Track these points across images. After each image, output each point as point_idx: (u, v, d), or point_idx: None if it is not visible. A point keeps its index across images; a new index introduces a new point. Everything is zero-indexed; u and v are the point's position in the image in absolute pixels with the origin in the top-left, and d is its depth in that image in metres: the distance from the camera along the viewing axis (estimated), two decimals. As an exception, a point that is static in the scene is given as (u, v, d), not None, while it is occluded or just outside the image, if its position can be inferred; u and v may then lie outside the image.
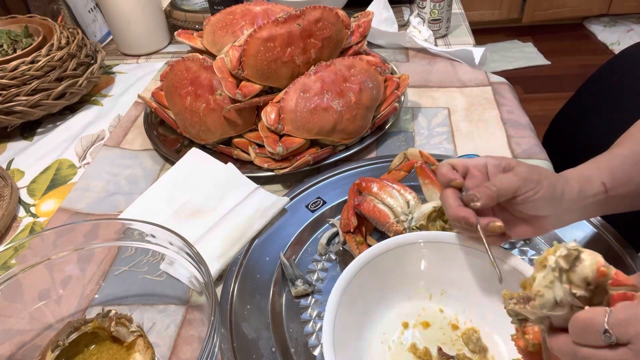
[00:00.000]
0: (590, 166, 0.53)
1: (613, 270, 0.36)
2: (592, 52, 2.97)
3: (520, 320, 0.43)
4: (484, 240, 0.48)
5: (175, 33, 0.89)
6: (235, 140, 0.81)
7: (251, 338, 0.55)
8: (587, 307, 0.36)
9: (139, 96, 0.90)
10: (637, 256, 0.59)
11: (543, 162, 0.77)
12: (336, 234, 0.66)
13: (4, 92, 0.87)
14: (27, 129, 0.97)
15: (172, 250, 0.57)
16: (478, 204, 0.48)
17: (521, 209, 0.49)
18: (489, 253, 0.48)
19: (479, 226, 0.48)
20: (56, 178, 0.85)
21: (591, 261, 0.37)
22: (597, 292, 0.37)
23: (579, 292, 0.37)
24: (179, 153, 0.82)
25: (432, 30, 1.13)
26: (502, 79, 0.98)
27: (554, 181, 0.49)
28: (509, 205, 0.50)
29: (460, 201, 0.49)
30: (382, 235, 0.64)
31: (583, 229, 0.63)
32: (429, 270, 0.55)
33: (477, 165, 0.51)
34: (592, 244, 0.62)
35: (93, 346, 0.55)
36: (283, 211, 0.70)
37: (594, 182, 0.51)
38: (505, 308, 0.42)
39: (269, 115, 0.74)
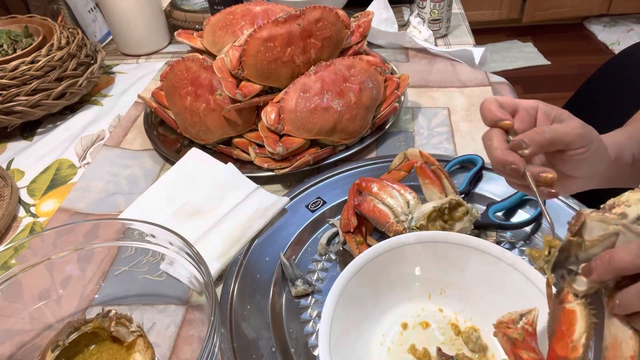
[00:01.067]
0: (623, 135, 0.51)
1: None
2: (592, 52, 2.97)
3: (555, 269, 0.41)
4: (534, 189, 0.44)
5: (175, 33, 0.89)
6: (235, 140, 0.81)
7: (251, 338, 0.55)
8: None
9: (139, 96, 0.90)
10: None
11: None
12: (336, 234, 0.66)
13: (4, 92, 0.87)
14: (27, 129, 0.97)
15: (172, 250, 0.57)
16: (526, 151, 0.43)
17: (561, 165, 0.46)
18: (540, 202, 0.45)
19: (528, 175, 0.44)
20: (56, 178, 0.85)
21: None
22: None
23: None
24: (179, 153, 0.82)
25: (432, 30, 1.13)
26: (502, 79, 0.98)
27: (601, 145, 0.46)
28: (549, 159, 0.47)
29: (507, 144, 0.44)
30: (382, 235, 0.64)
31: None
32: (428, 270, 0.55)
33: (527, 108, 0.46)
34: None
35: (93, 346, 0.55)
36: (283, 211, 0.70)
37: (627, 151, 0.49)
38: (569, 236, 0.40)
39: (269, 115, 0.74)
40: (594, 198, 0.57)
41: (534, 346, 0.42)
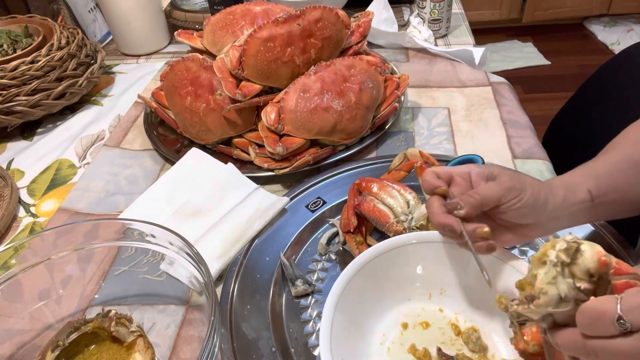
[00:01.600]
0: (576, 173, 0.53)
1: (614, 260, 0.36)
2: (592, 52, 2.97)
3: (520, 323, 0.42)
4: (471, 246, 0.48)
5: (175, 33, 0.89)
6: (235, 140, 0.81)
7: (251, 338, 0.55)
8: (592, 298, 0.35)
9: (139, 96, 0.90)
10: (634, 252, 0.59)
11: (543, 162, 0.77)
12: (336, 234, 0.66)
13: (4, 92, 0.87)
14: (27, 129, 0.97)
15: (172, 250, 0.57)
16: (461, 211, 0.48)
17: (505, 217, 0.50)
18: (476, 258, 0.48)
19: (464, 232, 0.48)
20: (56, 178, 0.85)
21: (591, 252, 0.37)
22: (600, 284, 0.37)
23: (583, 285, 0.36)
24: (179, 153, 0.82)
25: (432, 30, 1.13)
26: (502, 79, 0.98)
27: (537, 189, 0.49)
28: (493, 213, 0.50)
29: (445, 208, 0.49)
30: (382, 235, 0.64)
31: (582, 229, 0.63)
32: (428, 270, 0.55)
33: (461, 174, 0.51)
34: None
35: (93, 346, 0.55)
36: (283, 211, 0.70)
37: (579, 189, 0.51)
38: (507, 311, 0.41)
39: (269, 115, 0.74)
40: None
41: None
